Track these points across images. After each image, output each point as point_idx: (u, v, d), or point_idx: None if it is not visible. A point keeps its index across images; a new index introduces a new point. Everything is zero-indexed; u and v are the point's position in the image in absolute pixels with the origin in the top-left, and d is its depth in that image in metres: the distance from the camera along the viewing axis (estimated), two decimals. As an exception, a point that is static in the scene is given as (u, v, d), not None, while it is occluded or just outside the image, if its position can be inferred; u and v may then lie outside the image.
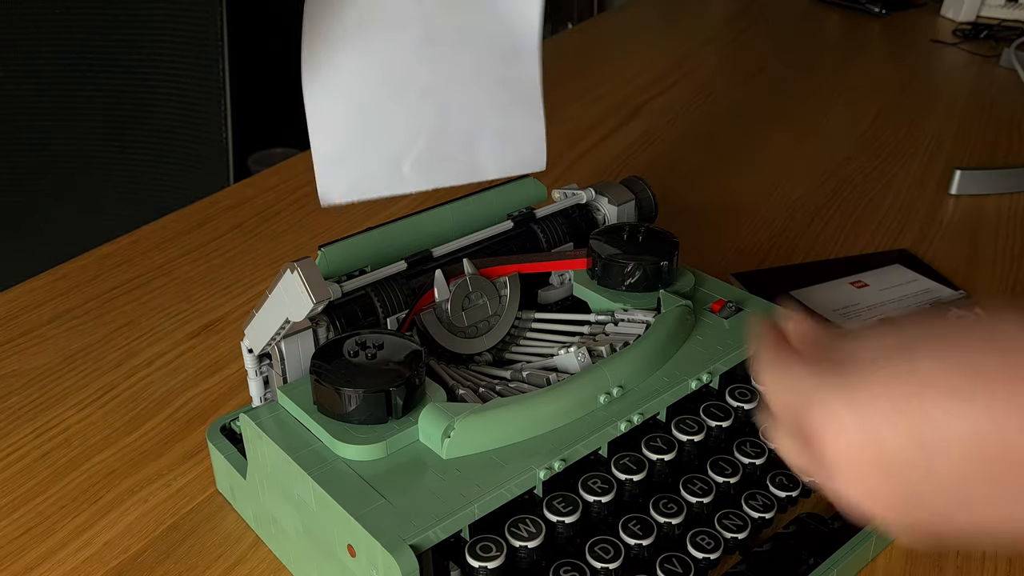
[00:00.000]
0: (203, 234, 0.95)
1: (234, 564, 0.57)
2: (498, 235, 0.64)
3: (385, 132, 0.52)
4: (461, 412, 0.49)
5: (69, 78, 1.40)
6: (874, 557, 0.56)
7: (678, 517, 0.51)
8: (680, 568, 0.50)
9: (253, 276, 0.88)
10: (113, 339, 0.79)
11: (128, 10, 1.39)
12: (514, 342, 0.63)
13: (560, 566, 0.48)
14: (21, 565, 0.57)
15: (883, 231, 0.93)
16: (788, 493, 0.55)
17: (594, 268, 0.63)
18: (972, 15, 1.53)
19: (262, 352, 0.55)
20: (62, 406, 0.71)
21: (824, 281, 0.84)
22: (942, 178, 1.03)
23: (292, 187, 1.05)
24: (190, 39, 1.38)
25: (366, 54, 0.50)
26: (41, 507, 0.61)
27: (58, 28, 1.38)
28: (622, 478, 0.52)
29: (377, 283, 0.58)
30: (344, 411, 0.50)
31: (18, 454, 0.66)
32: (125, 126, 1.43)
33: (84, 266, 0.89)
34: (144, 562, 0.57)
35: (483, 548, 0.47)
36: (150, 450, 0.66)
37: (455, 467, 0.48)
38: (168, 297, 0.85)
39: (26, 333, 0.80)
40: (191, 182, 1.41)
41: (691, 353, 0.57)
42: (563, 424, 0.51)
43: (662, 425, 0.57)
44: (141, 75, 1.40)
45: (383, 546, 0.44)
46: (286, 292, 0.51)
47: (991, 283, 0.83)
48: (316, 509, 0.49)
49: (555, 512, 0.49)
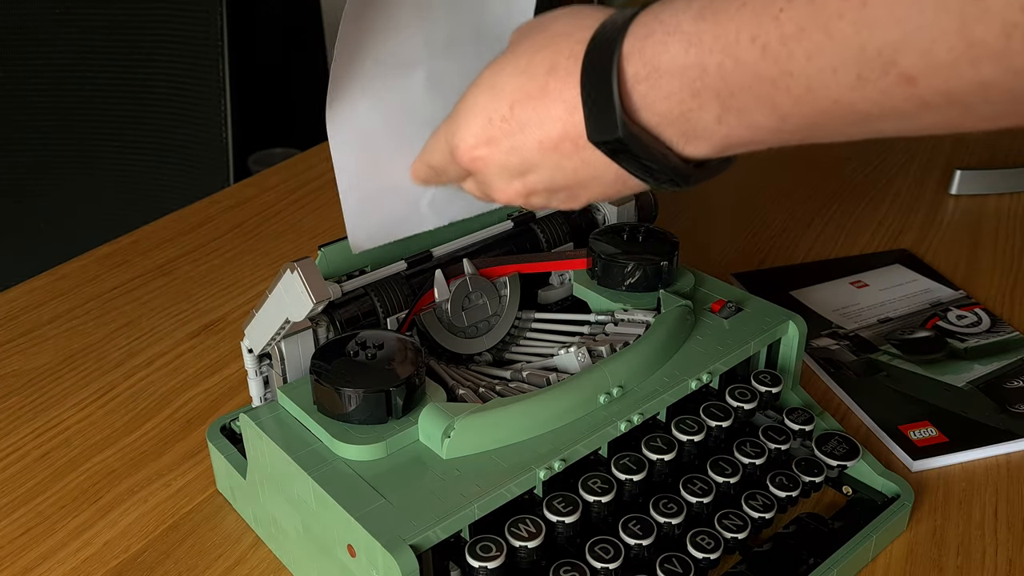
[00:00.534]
0: (203, 234, 0.95)
1: (234, 564, 0.57)
2: (498, 235, 0.64)
3: (403, 176, 0.56)
4: (461, 412, 0.49)
5: (69, 78, 1.40)
6: (874, 557, 0.56)
7: (678, 517, 0.51)
8: (680, 568, 0.50)
9: (253, 276, 0.88)
10: (113, 339, 0.79)
11: (128, 10, 1.39)
12: (514, 342, 0.63)
13: (560, 566, 0.48)
14: (21, 565, 0.57)
15: (883, 231, 0.93)
16: (788, 493, 0.55)
17: (594, 268, 0.63)
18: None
19: (262, 352, 0.55)
20: (62, 406, 0.71)
21: (824, 281, 0.84)
22: (942, 178, 1.03)
23: (292, 187, 1.05)
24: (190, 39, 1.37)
25: (381, 101, 0.54)
26: (41, 507, 0.61)
27: (58, 28, 1.38)
28: (622, 478, 0.52)
29: (377, 283, 0.58)
30: (344, 411, 0.50)
31: (18, 454, 0.66)
32: (125, 126, 1.43)
33: (84, 266, 0.89)
34: (144, 562, 0.57)
35: (483, 548, 0.47)
36: (150, 450, 0.66)
37: (455, 467, 0.48)
38: (168, 297, 0.85)
39: (26, 333, 0.80)
40: (191, 182, 1.41)
41: (691, 353, 0.57)
42: (563, 424, 0.51)
43: (662, 425, 0.57)
44: (141, 75, 1.40)
45: (383, 546, 0.44)
46: (286, 292, 0.51)
47: (991, 283, 0.83)
48: (316, 509, 0.49)
49: (555, 512, 0.49)
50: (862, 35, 0.31)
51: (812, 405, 0.63)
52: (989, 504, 0.60)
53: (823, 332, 0.76)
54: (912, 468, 0.63)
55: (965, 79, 0.30)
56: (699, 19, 0.36)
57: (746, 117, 0.37)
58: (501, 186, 0.46)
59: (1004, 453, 0.64)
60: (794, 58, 0.33)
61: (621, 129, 0.39)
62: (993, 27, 0.29)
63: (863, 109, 0.34)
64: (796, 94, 0.34)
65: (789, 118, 0.36)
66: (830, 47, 0.32)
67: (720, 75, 0.36)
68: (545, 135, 0.42)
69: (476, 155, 0.45)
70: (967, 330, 0.76)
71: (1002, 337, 0.75)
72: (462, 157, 0.46)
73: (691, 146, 0.40)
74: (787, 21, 0.33)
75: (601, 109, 0.39)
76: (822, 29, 0.32)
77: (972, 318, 0.78)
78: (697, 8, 0.36)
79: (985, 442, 0.64)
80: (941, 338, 0.75)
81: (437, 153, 0.49)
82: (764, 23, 0.34)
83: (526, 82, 0.43)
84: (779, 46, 0.34)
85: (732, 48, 0.35)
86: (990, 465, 0.63)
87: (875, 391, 0.69)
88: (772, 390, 0.59)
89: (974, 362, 0.72)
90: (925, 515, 0.59)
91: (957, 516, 0.59)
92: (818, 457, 0.58)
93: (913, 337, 0.76)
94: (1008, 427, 0.65)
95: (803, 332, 0.61)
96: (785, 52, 0.33)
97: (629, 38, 0.38)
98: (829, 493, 0.60)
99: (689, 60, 0.37)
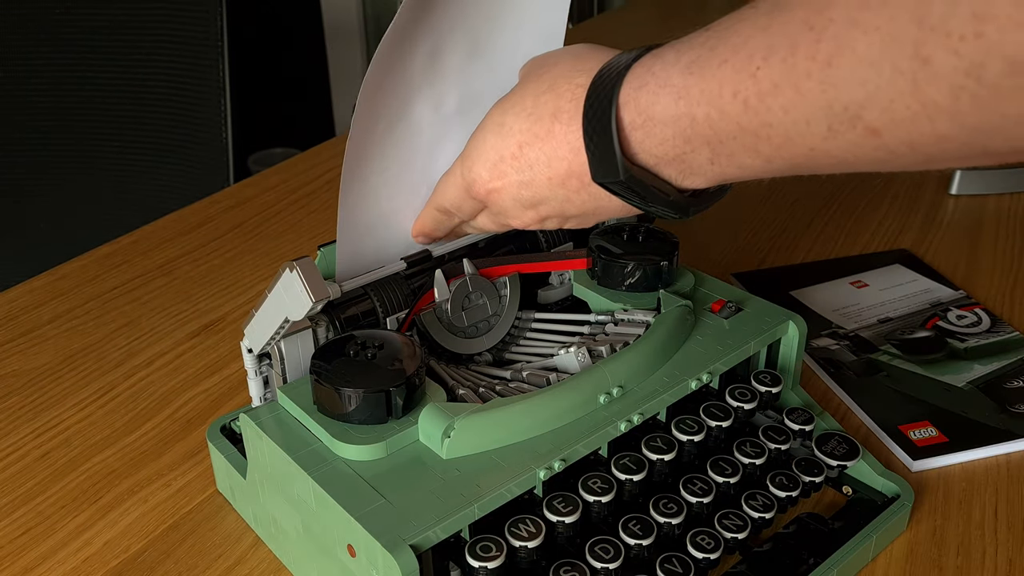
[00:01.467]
0: (203, 234, 0.95)
1: (234, 564, 0.57)
2: (498, 235, 0.64)
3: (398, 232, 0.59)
4: (461, 412, 0.49)
5: (68, 78, 1.40)
6: (874, 557, 0.56)
7: (678, 517, 0.51)
8: (680, 568, 0.50)
9: (253, 276, 0.88)
10: (113, 339, 0.79)
11: (128, 10, 1.39)
12: (514, 342, 0.63)
13: (560, 566, 0.48)
14: (21, 565, 0.57)
15: (883, 231, 0.93)
16: (788, 493, 0.55)
17: (594, 268, 0.63)
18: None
19: (262, 352, 0.55)
20: (62, 406, 0.71)
21: (824, 281, 0.84)
22: (942, 178, 1.03)
23: (292, 187, 1.05)
24: (190, 39, 1.37)
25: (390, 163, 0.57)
26: (41, 507, 0.61)
27: (58, 28, 1.38)
28: (622, 478, 0.52)
29: (377, 283, 0.58)
30: (344, 411, 0.50)
31: (18, 454, 0.66)
32: (125, 126, 1.43)
33: (84, 266, 0.89)
34: (144, 562, 0.57)
35: (483, 548, 0.47)
36: (150, 450, 0.66)
37: (455, 467, 0.48)
38: (168, 297, 0.85)
39: (26, 333, 0.80)
40: (191, 182, 1.41)
41: (691, 353, 0.57)
42: (563, 424, 0.51)
43: (662, 425, 0.57)
44: (141, 75, 1.40)
45: (383, 546, 0.44)
46: (285, 292, 0.51)
47: (991, 283, 0.83)
48: (316, 509, 0.49)
49: (555, 512, 0.49)
50: (828, 94, 0.35)
51: (812, 405, 0.63)
52: (989, 504, 0.60)
53: (823, 332, 0.76)
54: (912, 468, 0.63)
55: (925, 132, 0.33)
56: (687, 73, 0.40)
57: (735, 159, 0.41)
58: (516, 215, 0.51)
59: (1004, 453, 0.64)
60: (772, 111, 0.37)
61: (623, 173, 0.43)
62: (942, 89, 0.31)
63: (838, 155, 0.37)
64: (776, 143, 0.38)
65: (773, 160, 0.39)
66: (802, 103, 0.36)
67: (708, 124, 0.40)
68: (553, 173, 0.47)
69: (491, 187, 0.50)
70: (967, 330, 0.76)
71: (1002, 337, 0.75)
72: (479, 191, 0.50)
73: (688, 180, 0.44)
74: (763, 78, 0.36)
75: (603, 153, 0.43)
76: (793, 87, 0.35)
77: (972, 318, 0.78)
78: (685, 63, 0.40)
79: (985, 442, 0.64)
80: (941, 338, 0.75)
81: (450, 192, 0.53)
82: (743, 80, 0.37)
83: (533, 124, 0.47)
84: (758, 101, 0.37)
85: (717, 101, 0.39)
86: (990, 465, 0.63)
87: (875, 391, 0.69)
88: (772, 390, 0.59)
89: (974, 362, 0.72)
90: (925, 515, 0.59)
91: (957, 516, 0.59)
92: (818, 457, 0.58)
93: (913, 337, 0.76)
94: (1008, 427, 0.65)
95: (803, 332, 0.61)
96: (763, 106, 0.37)
97: (625, 87, 0.42)
98: (829, 493, 0.60)
99: (679, 111, 0.40)
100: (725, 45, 0.38)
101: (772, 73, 0.36)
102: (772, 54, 0.36)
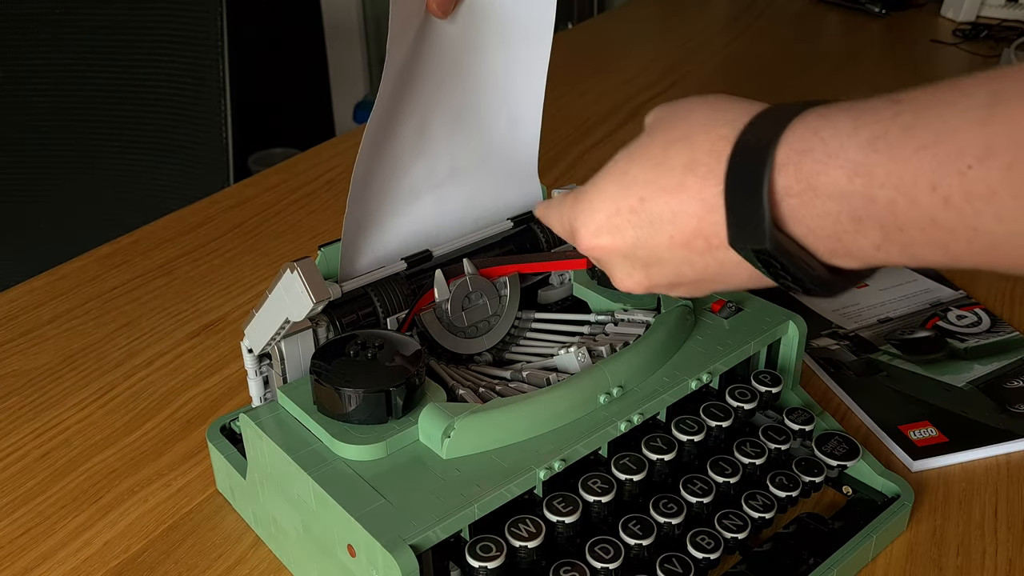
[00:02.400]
0: (203, 234, 0.95)
1: (234, 564, 0.57)
2: (498, 235, 0.64)
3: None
4: (461, 412, 0.49)
5: (68, 78, 1.40)
6: (874, 557, 0.56)
7: (678, 517, 0.51)
8: (680, 568, 0.50)
9: (253, 276, 0.88)
10: (113, 339, 0.79)
11: (128, 10, 1.38)
12: (514, 342, 0.63)
13: (560, 566, 0.48)
14: (21, 565, 0.57)
15: (883, 231, 0.93)
16: (788, 493, 0.55)
17: (594, 268, 0.63)
18: (972, 15, 1.53)
19: (262, 352, 0.55)
20: (62, 406, 0.71)
21: (824, 281, 0.84)
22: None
23: (292, 187, 1.05)
24: (190, 39, 1.37)
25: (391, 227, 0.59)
26: (41, 507, 0.61)
27: (58, 28, 1.38)
28: (622, 478, 0.52)
29: (377, 283, 0.58)
30: (344, 411, 0.50)
31: (18, 454, 0.66)
32: (125, 126, 1.43)
33: (84, 266, 0.89)
34: (144, 562, 0.57)
35: (483, 548, 0.47)
36: (150, 450, 0.66)
37: (455, 467, 0.48)
38: (168, 297, 0.85)
39: (26, 333, 0.80)
40: (191, 182, 1.41)
41: (691, 353, 0.57)
42: (563, 424, 0.51)
43: (662, 425, 0.57)
44: (141, 75, 1.40)
45: (383, 546, 0.44)
46: (286, 292, 0.51)
47: (991, 283, 0.83)
48: (316, 509, 0.49)
49: (555, 512, 0.49)
50: None
51: (812, 405, 0.63)
52: (989, 504, 0.60)
53: (823, 332, 0.76)
54: (912, 468, 0.63)
55: None
56: (870, 150, 0.34)
57: (910, 250, 0.35)
58: (621, 277, 0.45)
59: (1004, 453, 0.64)
60: (981, 217, 0.32)
61: (768, 240, 0.37)
62: None
63: None
64: (977, 247, 0.33)
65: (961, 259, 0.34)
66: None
67: (891, 210, 0.34)
68: (677, 231, 0.41)
69: (597, 243, 0.44)
70: (967, 330, 0.76)
71: (1002, 337, 0.75)
72: (582, 243, 0.45)
73: (839, 260, 0.38)
74: (976, 180, 0.31)
75: (747, 216, 0.38)
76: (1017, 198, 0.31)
77: (972, 318, 0.78)
78: (867, 137, 0.34)
79: (985, 442, 0.64)
80: (941, 338, 0.75)
81: (556, 227, 0.49)
82: (947, 175, 0.32)
83: (661, 175, 0.41)
84: (964, 203, 0.32)
85: (908, 189, 0.33)
86: (990, 465, 0.63)
87: (875, 391, 0.69)
88: (772, 390, 0.59)
89: (974, 362, 0.72)
90: (925, 515, 0.59)
91: (957, 516, 0.59)
92: (818, 457, 0.58)
93: (913, 337, 0.76)
94: (1008, 427, 0.65)
95: (803, 332, 0.61)
96: (971, 209, 0.32)
97: (783, 148, 0.36)
98: (829, 493, 0.60)
99: (854, 188, 0.35)
100: (926, 129, 0.33)
101: (989, 177, 0.31)
102: (990, 156, 0.31)
